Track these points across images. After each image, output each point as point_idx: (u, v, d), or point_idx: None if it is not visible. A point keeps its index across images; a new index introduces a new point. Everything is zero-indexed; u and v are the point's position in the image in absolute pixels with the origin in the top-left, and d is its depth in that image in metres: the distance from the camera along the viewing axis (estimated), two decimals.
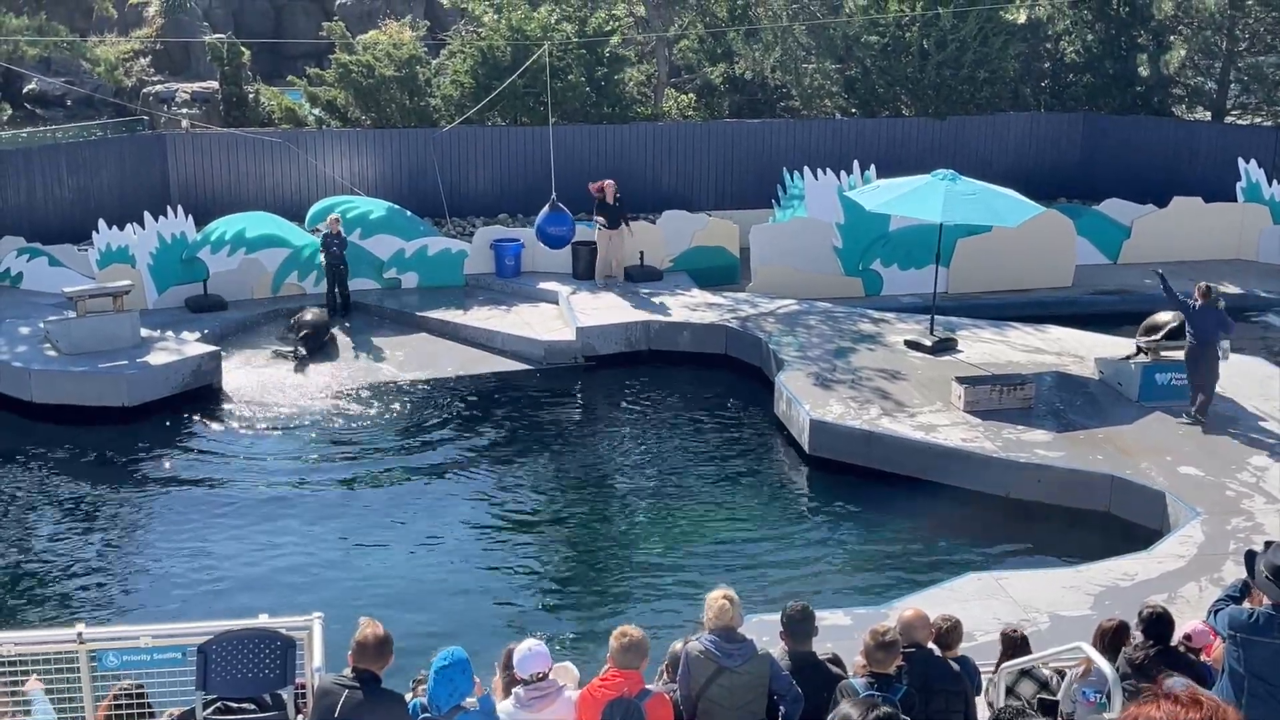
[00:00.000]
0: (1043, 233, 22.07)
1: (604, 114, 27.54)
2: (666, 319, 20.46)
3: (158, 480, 15.94)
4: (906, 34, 27.75)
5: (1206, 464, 14.77)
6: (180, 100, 38.64)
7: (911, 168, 22.16)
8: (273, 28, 51.24)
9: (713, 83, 30.63)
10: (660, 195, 26.21)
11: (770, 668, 7.22)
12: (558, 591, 13.40)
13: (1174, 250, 23.79)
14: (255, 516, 14.76)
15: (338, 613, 9.01)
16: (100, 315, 18.51)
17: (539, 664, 6.94)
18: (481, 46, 27.08)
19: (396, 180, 25.90)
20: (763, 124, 27.96)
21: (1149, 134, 28.05)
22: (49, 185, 23.80)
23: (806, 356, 18.43)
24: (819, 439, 16.10)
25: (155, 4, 47.06)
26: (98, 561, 13.80)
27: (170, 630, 6.93)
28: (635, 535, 14.49)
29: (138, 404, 17.65)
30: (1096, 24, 29.14)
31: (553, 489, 15.75)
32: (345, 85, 27.41)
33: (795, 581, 13.17)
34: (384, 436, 17.29)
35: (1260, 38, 29.02)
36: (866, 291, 22.30)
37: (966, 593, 11.87)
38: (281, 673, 6.55)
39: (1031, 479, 14.82)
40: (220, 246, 21.83)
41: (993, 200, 18.23)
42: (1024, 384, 16.63)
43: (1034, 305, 21.89)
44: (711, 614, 7.23)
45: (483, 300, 22.14)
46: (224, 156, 25.40)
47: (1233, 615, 6.96)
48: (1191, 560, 12.60)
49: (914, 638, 7.68)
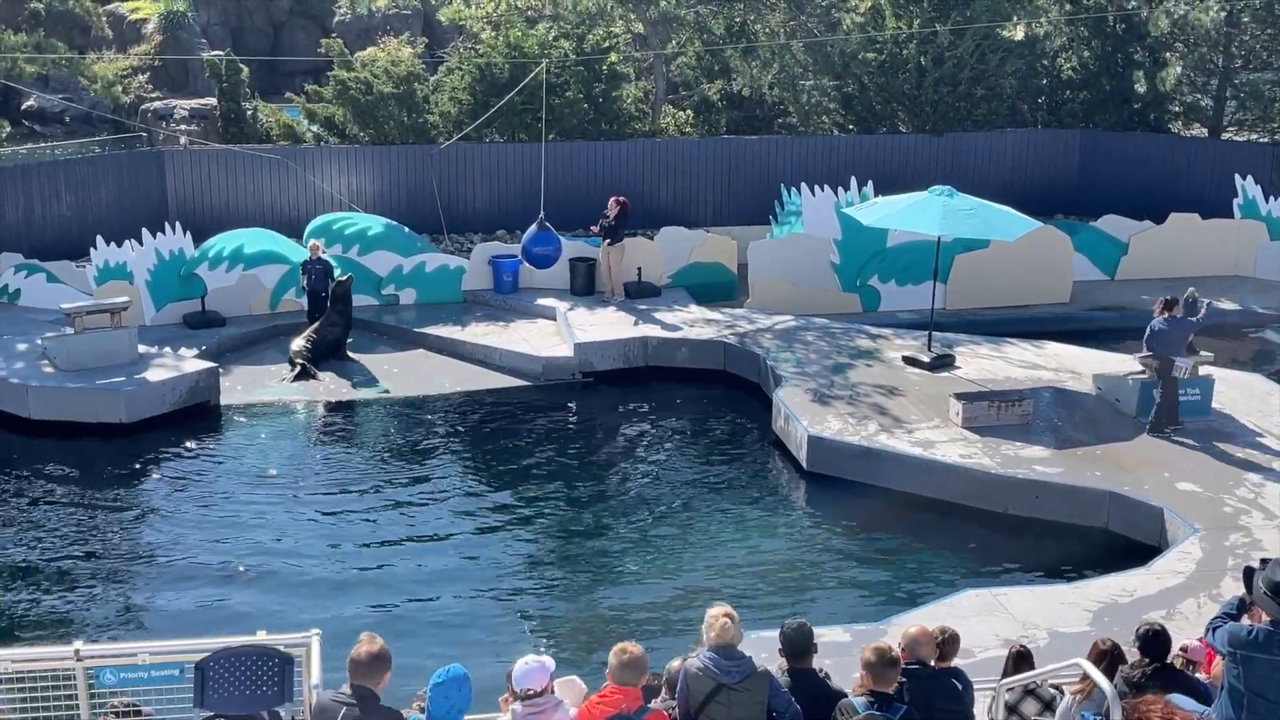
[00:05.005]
0: (1040, 249, 22.12)
1: (602, 130, 27.60)
2: (664, 335, 20.46)
3: (155, 497, 15.92)
4: (904, 51, 27.82)
5: (1205, 480, 14.77)
6: (178, 117, 38.70)
7: (909, 184, 22.21)
8: (271, 45, 51.34)
9: (710, 99, 30.70)
10: (658, 211, 26.25)
11: (769, 685, 7.20)
12: (555, 607, 13.38)
13: (1171, 266, 23.80)
14: (252, 533, 14.74)
15: (336, 629, 9.02)
16: (98, 332, 18.51)
17: (535, 679, 6.92)
18: (479, 63, 27.15)
19: (394, 197, 25.93)
20: (760, 140, 28.02)
21: (1146, 150, 28.11)
22: (47, 202, 23.82)
23: (804, 372, 18.44)
24: (817, 455, 16.09)
25: (154, 21, 47.14)
26: (95, 578, 13.76)
27: (168, 647, 6.89)
28: (633, 551, 14.47)
29: (136, 420, 17.64)
30: (1093, 41, 29.22)
31: (549, 505, 15.73)
32: (343, 102, 27.47)
33: (793, 598, 13.15)
34: (382, 453, 17.28)
35: (1256, 54, 29.12)
36: (864, 307, 22.32)
37: (965, 609, 11.85)
38: (280, 690, 6.52)
39: (1030, 495, 14.81)
40: (218, 263, 21.85)
41: (990, 215, 18.27)
42: (1022, 400, 16.64)
43: (1032, 321, 21.88)
44: (712, 632, 7.22)
45: (481, 316, 22.15)
46: (222, 173, 25.43)
47: (1232, 632, 6.96)
48: (1190, 576, 12.60)
49: (918, 654, 7.67)
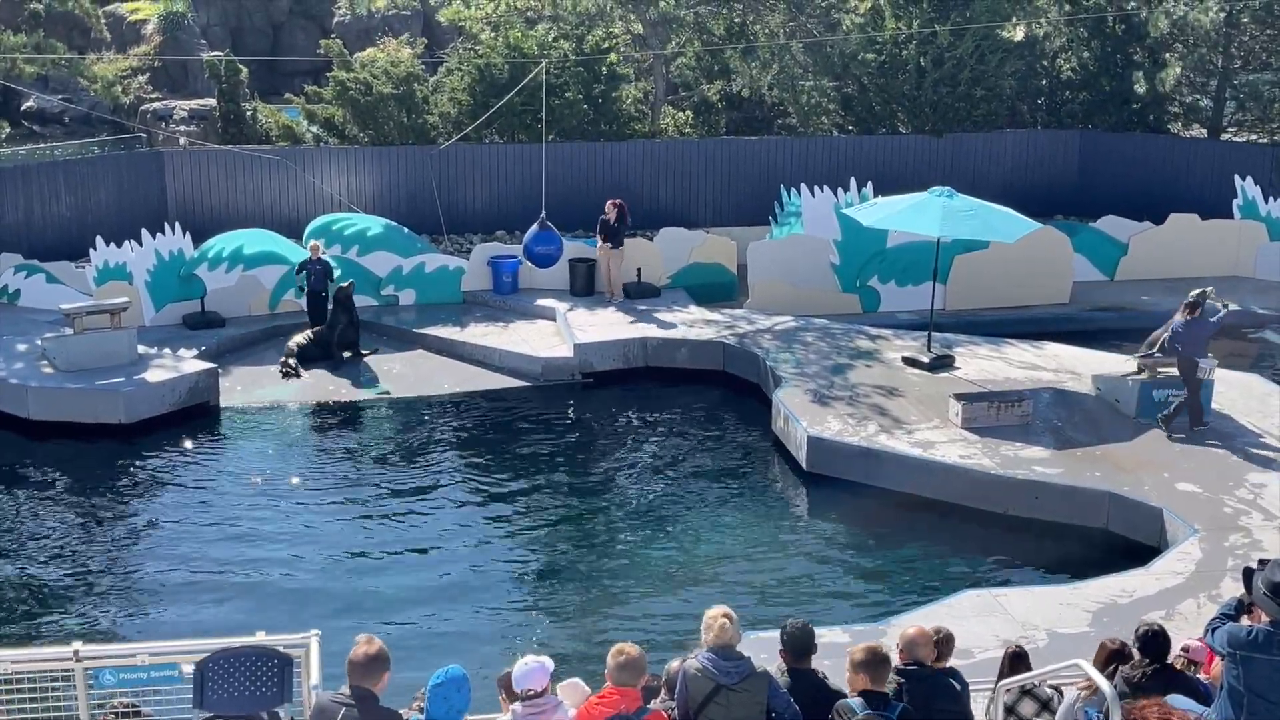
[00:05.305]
0: (1040, 249, 22.12)
1: (601, 131, 27.60)
2: (664, 336, 20.46)
3: (154, 497, 15.92)
4: (903, 52, 27.83)
5: (1204, 481, 14.76)
6: (178, 118, 38.62)
7: (908, 185, 22.20)
8: (270, 45, 51.28)
9: (710, 100, 30.70)
10: (658, 212, 26.26)
11: (768, 686, 7.19)
12: (554, 608, 13.37)
13: (1171, 267, 23.82)
14: (251, 534, 14.74)
15: (336, 630, 9.02)
16: (97, 332, 18.51)
17: (535, 679, 6.91)
18: (479, 64, 27.15)
19: (394, 197, 25.94)
20: (760, 141, 28.02)
21: (1145, 151, 28.12)
22: (47, 202, 23.82)
23: (804, 373, 18.43)
24: (816, 456, 16.09)
25: (153, 22, 47.11)
26: (94, 578, 13.76)
27: (167, 648, 6.89)
28: (632, 552, 14.46)
29: (135, 421, 17.64)
30: (1093, 42, 29.22)
31: (550, 506, 15.72)
32: (343, 103, 27.47)
33: (793, 598, 13.15)
34: (381, 453, 17.28)
35: (1255, 55, 29.12)
36: (864, 308, 22.32)
37: (964, 610, 11.85)
38: (279, 690, 6.51)
39: (1029, 496, 14.81)
40: (218, 263, 21.85)
41: (990, 216, 18.27)
42: (1021, 401, 16.63)
43: (1031, 322, 21.88)
44: (710, 632, 7.21)
45: (480, 317, 22.14)
46: (222, 174, 25.43)
47: (1232, 633, 6.95)
48: (1190, 577, 12.59)
49: (916, 655, 7.65)
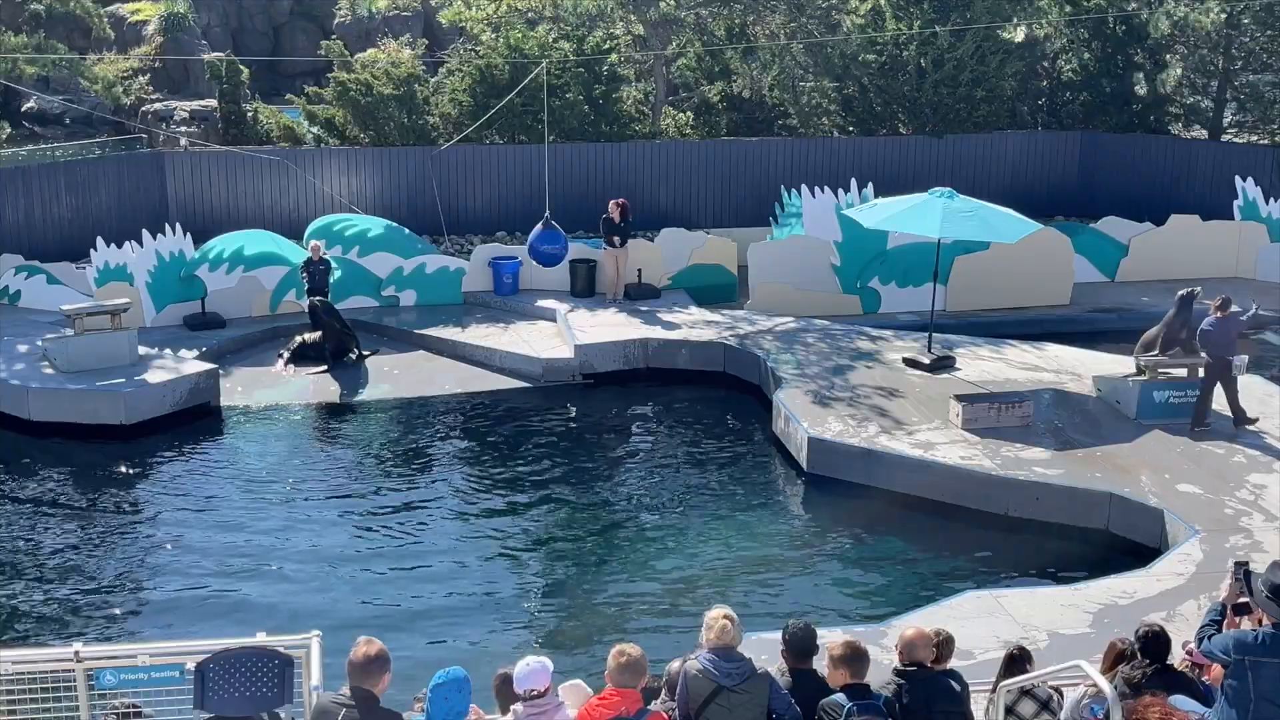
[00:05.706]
0: (1040, 251, 22.11)
1: (602, 132, 27.61)
2: (665, 337, 20.46)
3: (155, 498, 15.91)
4: (904, 53, 27.83)
5: (1205, 482, 14.76)
6: (179, 119, 38.64)
7: (909, 186, 22.22)
8: (271, 46, 51.36)
9: (710, 101, 30.71)
10: (658, 213, 26.28)
11: (769, 687, 7.19)
12: (554, 609, 13.37)
13: (1172, 268, 23.81)
14: (252, 534, 14.73)
15: (337, 631, 9.01)
16: (98, 333, 18.51)
17: (536, 680, 6.91)
18: (479, 65, 27.17)
19: (395, 198, 25.95)
20: (761, 142, 28.02)
21: (1146, 152, 28.13)
22: (47, 203, 23.83)
23: (805, 374, 18.43)
24: (817, 457, 16.09)
25: (154, 22, 47.13)
26: (95, 579, 13.75)
27: (168, 649, 6.90)
28: (633, 553, 14.46)
29: (135, 422, 17.64)
30: (1093, 43, 29.23)
31: (551, 507, 15.72)
32: (344, 103, 27.48)
33: (793, 599, 13.14)
34: (382, 454, 17.28)
35: (1256, 56, 29.11)
36: (864, 309, 22.32)
37: (965, 611, 11.84)
38: (280, 691, 6.51)
39: (1030, 496, 14.80)
40: (218, 264, 21.86)
41: (990, 217, 18.27)
42: (1022, 402, 16.63)
43: (1032, 323, 21.88)
44: (711, 633, 7.20)
45: (481, 318, 22.15)
46: (222, 175, 25.44)
47: (1238, 638, 6.90)
48: (1190, 578, 12.58)
49: (915, 656, 7.64)
